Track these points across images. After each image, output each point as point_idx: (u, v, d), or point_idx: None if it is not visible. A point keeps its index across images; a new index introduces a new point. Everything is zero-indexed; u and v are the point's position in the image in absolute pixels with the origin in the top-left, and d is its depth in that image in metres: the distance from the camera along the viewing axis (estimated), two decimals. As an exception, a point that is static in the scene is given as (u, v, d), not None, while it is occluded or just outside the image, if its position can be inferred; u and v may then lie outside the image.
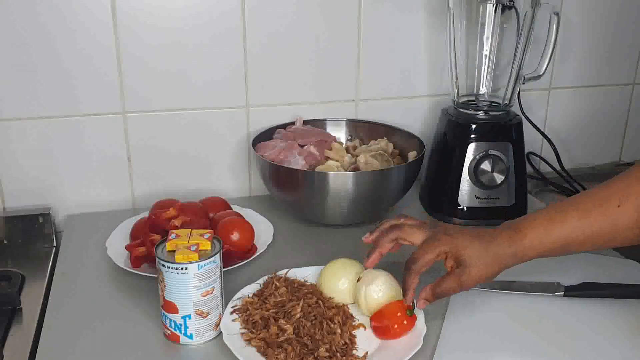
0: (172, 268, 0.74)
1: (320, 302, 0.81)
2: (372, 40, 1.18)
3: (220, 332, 0.78)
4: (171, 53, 1.09)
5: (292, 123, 1.17)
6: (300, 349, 0.74)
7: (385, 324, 0.77)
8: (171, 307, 0.76)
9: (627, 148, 1.41)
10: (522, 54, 1.09)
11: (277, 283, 0.85)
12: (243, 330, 0.78)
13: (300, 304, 0.79)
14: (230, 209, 1.06)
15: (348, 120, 1.21)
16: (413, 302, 0.81)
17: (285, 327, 0.76)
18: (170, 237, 0.78)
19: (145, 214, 1.03)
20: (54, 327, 0.82)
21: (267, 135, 1.14)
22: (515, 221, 0.80)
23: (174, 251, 0.75)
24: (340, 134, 1.20)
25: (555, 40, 1.06)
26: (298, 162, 1.06)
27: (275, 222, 1.06)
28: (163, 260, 0.75)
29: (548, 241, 0.77)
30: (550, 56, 1.08)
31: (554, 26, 1.05)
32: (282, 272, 0.89)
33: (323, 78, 1.18)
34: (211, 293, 0.77)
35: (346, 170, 1.06)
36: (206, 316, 0.77)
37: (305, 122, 1.18)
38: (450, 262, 0.78)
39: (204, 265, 0.75)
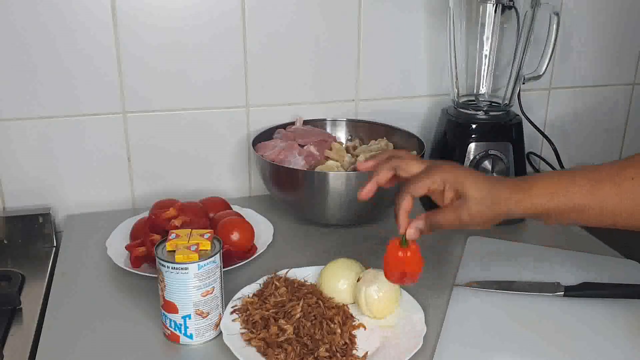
0: (172, 268, 0.74)
1: (320, 302, 0.81)
2: (372, 40, 1.18)
3: (220, 332, 0.78)
4: (171, 53, 1.09)
5: (292, 123, 1.17)
6: (300, 349, 0.74)
7: (395, 269, 0.76)
8: (171, 307, 0.76)
9: (627, 148, 1.41)
10: (522, 54, 1.09)
11: (277, 283, 0.85)
12: (243, 330, 0.78)
13: (300, 304, 0.79)
14: (230, 209, 1.06)
15: (348, 120, 1.21)
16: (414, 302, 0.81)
17: (285, 327, 0.76)
18: (170, 237, 0.78)
19: (145, 214, 1.03)
20: (54, 327, 0.82)
21: (267, 135, 1.14)
22: (524, 177, 0.75)
23: (174, 251, 0.75)
24: (340, 134, 1.20)
25: (555, 40, 1.06)
26: (298, 162, 1.06)
27: (275, 222, 1.06)
28: (163, 260, 0.75)
29: (553, 199, 0.72)
30: (550, 56, 1.08)
31: (554, 26, 1.06)
32: (282, 272, 0.89)
33: (323, 78, 1.18)
34: (211, 293, 0.77)
35: (346, 170, 1.06)
36: (206, 316, 0.77)
37: (305, 122, 1.18)
38: (450, 193, 0.73)
39: (204, 265, 0.75)
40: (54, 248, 1.06)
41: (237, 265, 0.93)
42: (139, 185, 1.16)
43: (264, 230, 1.03)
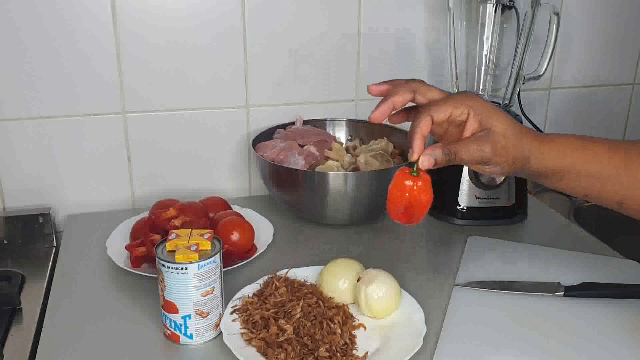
0: (172, 268, 0.74)
1: (320, 302, 0.81)
2: (372, 40, 1.18)
3: (221, 332, 0.78)
4: (171, 53, 1.09)
5: (292, 123, 1.18)
6: (300, 349, 0.74)
7: (400, 200, 0.69)
8: (171, 307, 0.76)
9: (627, 148, 1.41)
10: (522, 54, 1.09)
11: (277, 283, 0.85)
12: (243, 330, 0.78)
13: (300, 304, 0.79)
14: (230, 209, 1.06)
15: (348, 120, 1.21)
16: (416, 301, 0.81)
17: (285, 327, 0.76)
18: (170, 237, 0.78)
19: (145, 214, 1.03)
20: (54, 327, 0.82)
21: (267, 135, 1.14)
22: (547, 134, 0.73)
23: (174, 251, 0.75)
24: (340, 134, 1.20)
25: (555, 40, 1.06)
26: (298, 162, 1.06)
27: (275, 222, 1.06)
28: (163, 260, 0.75)
29: (572, 156, 0.70)
30: (550, 56, 1.08)
31: (554, 26, 1.05)
32: (282, 272, 0.89)
33: (323, 78, 1.18)
34: (211, 293, 0.77)
35: (346, 170, 1.06)
36: (206, 316, 0.77)
37: (305, 122, 1.18)
38: (474, 123, 0.67)
39: (204, 265, 0.75)
40: (54, 248, 1.06)
41: (237, 265, 0.93)
42: (139, 185, 1.16)
43: (264, 230, 1.03)
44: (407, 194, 0.68)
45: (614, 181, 0.70)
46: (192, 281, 0.75)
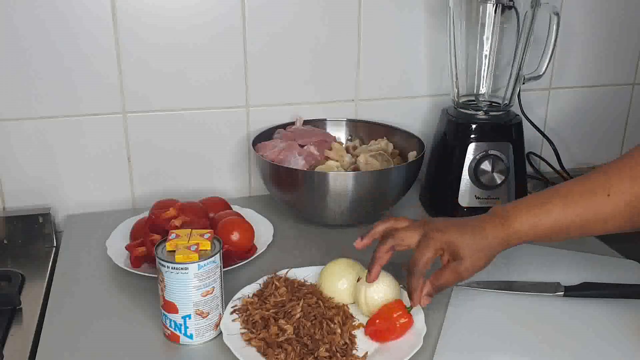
0: (172, 268, 0.74)
1: (320, 302, 0.81)
2: (372, 40, 1.18)
3: (221, 332, 0.78)
4: (171, 53, 1.09)
5: (292, 123, 1.18)
6: (300, 349, 0.74)
7: (384, 326, 0.77)
8: (171, 307, 0.76)
9: (627, 148, 1.41)
10: (522, 54, 1.09)
11: (277, 283, 0.85)
12: (243, 330, 0.78)
13: (300, 304, 0.79)
14: (230, 209, 1.06)
15: (348, 120, 1.21)
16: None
17: (285, 327, 0.76)
18: (170, 237, 0.78)
19: (145, 214, 1.03)
20: (54, 327, 0.82)
21: (267, 135, 1.14)
22: (502, 209, 0.80)
23: (174, 251, 0.75)
24: (340, 134, 1.20)
25: (555, 40, 1.06)
26: (298, 162, 1.06)
27: (275, 222, 1.06)
28: (163, 260, 0.75)
29: (534, 230, 0.78)
30: (550, 56, 1.08)
31: (554, 26, 1.05)
32: (282, 272, 0.89)
33: (323, 78, 1.18)
34: (211, 293, 0.77)
35: (346, 170, 1.06)
36: (206, 316, 0.77)
37: (305, 122, 1.18)
38: (447, 256, 0.79)
39: (204, 265, 0.75)
40: (54, 248, 1.06)
41: (237, 265, 0.93)
42: (139, 185, 1.16)
43: (264, 230, 1.03)
44: (397, 324, 0.77)
45: (584, 224, 0.78)
46: (192, 281, 0.75)
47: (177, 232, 0.79)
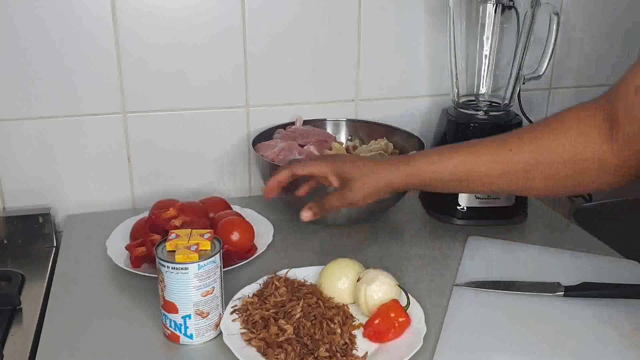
0: (172, 268, 0.74)
1: (320, 302, 0.81)
2: (372, 40, 1.18)
3: (220, 332, 0.78)
4: (171, 53, 1.09)
5: (292, 123, 1.18)
6: (300, 349, 0.74)
7: (383, 326, 0.77)
8: (171, 307, 0.76)
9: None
10: (522, 54, 1.09)
11: (277, 283, 0.85)
12: (243, 330, 0.78)
13: (300, 304, 0.79)
14: (230, 209, 1.06)
15: (348, 120, 1.21)
16: (408, 298, 0.81)
17: (285, 327, 0.76)
18: (170, 237, 0.78)
19: (145, 214, 1.03)
20: (54, 327, 0.82)
21: (267, 135, 1.14)
22: (411, 154, 0.85)
23: (174, 251, 0.75)
24: (340, 134, 1.20)
25: (555, 40, 1.06)
26: (298, 162, 1.06)
27: (275, 222, 1.06)
28: (163, 260, 0.75)
29: (431, 169, 0.81)
30: (550, 56, 1.07)
31: (554, 26, 1.05)
32: (282, 272, 0.89)
33: (323, 78, 1.18)
34: (211, 293, 0.77)
35: (346, 170, 1.06)
36: (206, 316, 0.77)
37: (305, 122, 1.18)
38: (333, 178, 0.84)
39: (204, 265, 0.75)
40: (54, 248, 1.06)
41: (237, 265, 0.93)
42: (139, 185, 1.16)
43: (264, 230, 1.03)
44: (395, 323, 0.77)
45: (480, 178, 0.80)
46: (192, 281, 0.75)
47: (177, 232, 0.79)
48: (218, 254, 0.77)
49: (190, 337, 0.77)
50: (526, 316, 0.83)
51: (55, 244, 1.07)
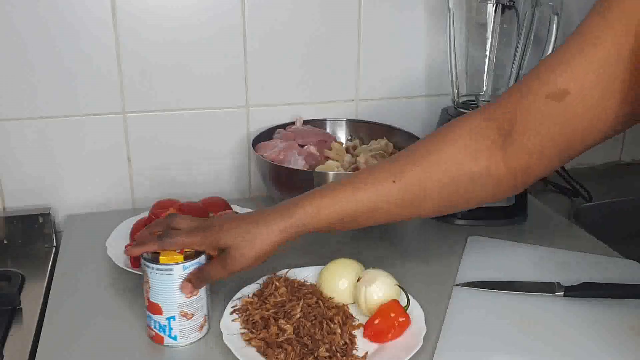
0: (156, 269, 0.74)
1: (320, 302, 0.81)
2: (372, 40, 1.18)
3: (206, 334, 0.78)
4: (171, 53, 1.09)
5: (292, 123, 1.17)
6: (300, 349, 0.74)
7: (383, 326, 0.77)
8: (155, 309, 0.76)
9: (627, 148, 1.41)
10: (522, 54, 1.09)
11: (277, 283, 0.85)
12: (243, 330, 0.78)
13: (300, 304, 0.79)
14: (230, 209, 1.06)
15: (348, 120, 1.21)
16: (408, 298, 0.81)
17: (285, 327, 0.76)
18: None
19: (145, 214, 1.03)
20: (54, 327, 0.82)
21: (267, 135, 1.14)
22: (293, 199, 0.78)
23: (159, 252, 0.75)
24: (340, 134, 1.20)
25: (555, 40, 1.06)
26: (298, 162, 1.06)
27: (275, 222, 1.06)
28: (148, 261, 0.74)
29: (317, 218, 0.76)
30: (550, 56, 1.07)
31: (554, 26, 1.05)
32: (282, 272, 0.89)
33: (323, 78, 1.18)
34: (196, 295, 0.76)
35: (346, 170, 1.06)
36: (191, 317, 0.77)
37: (305, 122, 1.18)
38: (212, 251, 0.76)
39: (189, 266, 0.74)
40: (54, 248, 1.06)
41: (237, 265, 0.92)
42: (139, 185, 1.16)
43: (264, 230, 1.03)
44: (395, 323, 0.77)
45: (370, 212, 0.77)
46: (176, 282, 0.74)
47: None
48: (203, 255, 0.76)
49: (175, 338, 0.77)
50: (526, 316, 0.83)
51: (55, 244, 1.06)
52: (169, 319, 0.76)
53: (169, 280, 0.74)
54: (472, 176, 0.74)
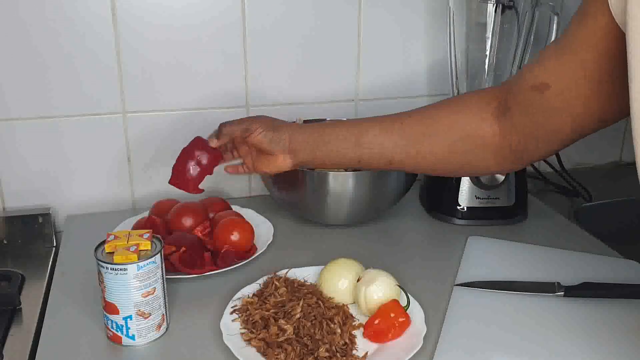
0: (110, 269, 0.74)
1: (320, 302, 0.81)
2: (372, 40, 1.18)
3: (164, 333, 0.79)
4: (171, 53, 1.09)
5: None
6: (300, 349, 0.74)
7: (384, 325, 0.77)
8: (112, 309, 0.76)
9: (627, 148, 1.41)
10: (522, 54, 1.09)
11: (277, 283, 0.85)
12: (243, 330, 0.78)
13: (300, 304, 0.79)
14: (230, 209, 1.06)
15: (348, 120, 1.21)
16: (408, 298, 0.81)
17: (285, 327, 0.76)
18: (108, 239, 0.77)
19: (145, 214, 1.03)
20: (54, 327, 0.82)
21: (267, 135, 1.14)
22: (292, 140, 0.90)
23: (113, 252, 0.75)
24: (340, 134, 1.20)
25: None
26: (298, 162, 1.06)
27: (275, 222, 1.06)
28: (102, 261, 0.74)
29: (312, 159, 0.90)
30: (550, 56, 1.07)
31: (554, 26, 1.05)
32: (282, 272, 0.89)
33: (323, 78, 1.18)
34: (152, 294, 0.76)
35: (346, 170, 1.06)
36: (148, 317, 0.77)
37: (305, 122, 1.18)
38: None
39: (144, 266, 0.74)
40: (54, 248, 1.06)
41: (237, 265, 0.92)
42: (139, 185, 1.16)
43: (264, 230, 1.03)
44: (395, 323, 0.77)
45: (373, 154, 0.86)
46: (131, 282, 0.74)
47: (115, 233, 0.78)
48: (158, 254, 0.76)
49: (132, 338, 0.77)
50: (526, 316, 0.83)
51: (55, 244, 1.07)
52: (125, 318, 0.76)
53: (124, 280, 0.74)
54: (475, 141, 0.81)
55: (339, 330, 0.77)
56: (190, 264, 0.91)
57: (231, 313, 0.81)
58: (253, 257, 0.95)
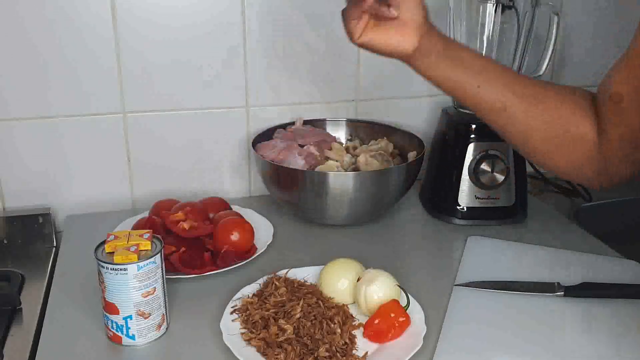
0: (111, 269, 0.74)
1: (320, 302, 0.81)
2: (372, 40, 1.18)
3: (164, 333, 0.79)
4: (171, 54, 1.09)
5: (292, 123, 1.17)
6: (300, 349, 0.74)
7: (384, 325, 0.77)
8: (112, 309, 0.76)
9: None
10: (522, 54, 1.09)
11: (277, 283, 0.85)
12: (243, 330, 0.78)
13: (300, 304, 0.79)
14: (230, 209, 1.06)
15: (348, 120, 1.21)
16: (408, 298, 0.81)
17: (285, 327, 0.76)
18: (108, 239, 0.77)
19: (145, 214, 1.03)
20: (54, 327, 0.82)
21: (267, 135, 1.14)
22: (443, 45, 0.85)
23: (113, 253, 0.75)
24: (340, 134, 1.20)
25: (555, 40, 1.06)
26: (298, 162, 1.06)
27: (275, 222, 1.06)
28: (102, 261, 0.74)
29: (436, 77, 0.87)
30: (550, 56, 1.07)
31: (554, 26, 1.05)
32: (282, 272, 0.89)
33: (323, 78, 1.18)
34: (152, 294, 0.76)
35: (346, 170, 1.06)
36: (148, 317, 0.77)
37: (305, 122, 1.18)
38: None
39: (144, 266, 0.74)
40: (54, 248, 1.06)
41: (237, 265, 0.93)
42: (139, 185, 1.15)
43: (264, 230, 1.03)
44: (395, 323, 0.77)
45: (490, 106, 0.80)
46: (131, 282, 0.74)
47: (115, 233, 0.79)
48: (158, 254, 0.76)
49: (133, 337, 0.77)
50: (526, 316, 0.83)
51: (55, 244, 1.06)
52: (125, 318, 0.76)
53: (124, 280, 0.74)
54: (573, 136, 0.77)
55: (339, 330, 0.77)
56: (190, 264, 0.91)
57: (231, 313, 0.81)
58: (253, 257, 0.95)
